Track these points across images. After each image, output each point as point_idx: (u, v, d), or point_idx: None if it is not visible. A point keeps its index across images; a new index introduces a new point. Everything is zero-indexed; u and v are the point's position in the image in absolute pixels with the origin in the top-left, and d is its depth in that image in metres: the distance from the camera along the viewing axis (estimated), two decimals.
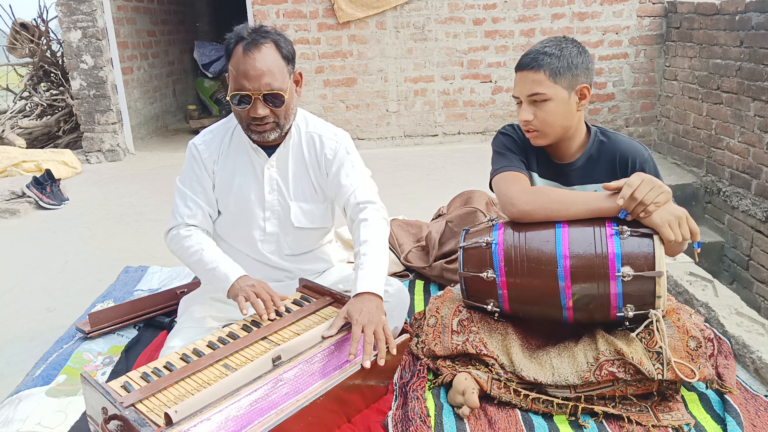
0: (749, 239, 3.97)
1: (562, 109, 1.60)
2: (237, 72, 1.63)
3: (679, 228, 1.47)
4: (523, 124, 1.65)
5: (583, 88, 1.61)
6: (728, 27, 4.24)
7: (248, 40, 1.63)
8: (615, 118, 5.57)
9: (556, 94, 1.59)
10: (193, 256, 1.75)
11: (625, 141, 1.70)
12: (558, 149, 1.72)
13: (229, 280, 1.68)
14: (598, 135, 1.71)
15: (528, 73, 1.60)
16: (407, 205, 3.85)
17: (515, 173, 1.67)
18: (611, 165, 1.68)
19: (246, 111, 1.66)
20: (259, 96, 1.63)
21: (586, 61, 1.61)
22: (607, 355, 1.53)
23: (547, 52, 1.58)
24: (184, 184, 1.83)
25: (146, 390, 1.32)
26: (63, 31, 5.24)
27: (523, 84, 1.62)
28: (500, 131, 1.79)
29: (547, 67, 1.58)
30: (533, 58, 1.60)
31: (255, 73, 1.62)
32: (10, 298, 2.83)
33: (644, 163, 1.66)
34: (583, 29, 5.36)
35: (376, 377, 1.59)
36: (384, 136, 5.63)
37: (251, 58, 1.62)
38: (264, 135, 1.71)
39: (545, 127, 1.62)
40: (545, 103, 1.60)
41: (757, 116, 3.92)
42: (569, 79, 1.59)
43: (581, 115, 1.67)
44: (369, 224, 1.73)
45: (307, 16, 5.29)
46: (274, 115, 1.68)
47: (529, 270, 1.57)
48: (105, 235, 3.65)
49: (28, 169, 4.78)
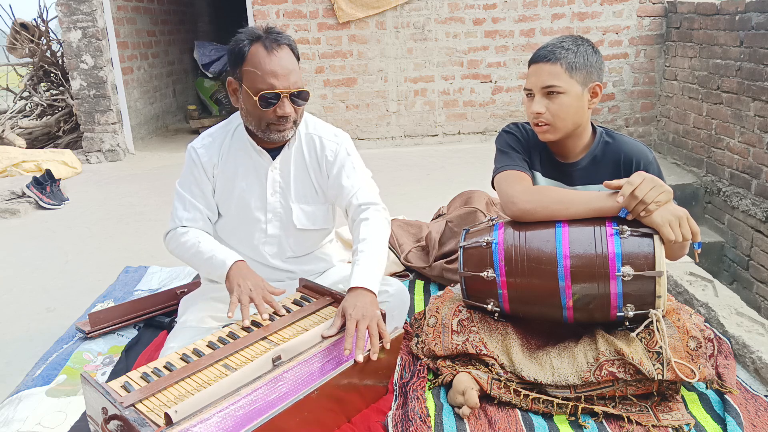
0: (749, 239, 3.97)
1: (574, 104, 1.61)
2: (263, 71, 1.62)
3: (679, 228, 1.47)
4: (533, 116, 1.65)
5: (596, 86, 1.63)
6: (728, 27, 4.24)
7: (269, 39, 1.63)
8: (615, 118, 5.57)
9: (571, 89, 1.60)
10: (190, 250, 1.75)
11: (630, 142, 1.70)
12: (563, 147, 1.72)
13: (225, 265, 1.67)
14: (603, 136, 1.72)
15: (545, 65, 1.61)
16: (407, 205, 3.86)
17: (517, 172, 1.67)
18: (615, 166, 1.69)
19: (272, 110, 1.65)
20: (287, 94, 1.64)
21: (600, 60, 1.64)
22: (607, 355, 1.53)
23: (565, 47, 1.60)
24: (183, 187, 1.83)
25: (146, 390, 1.32)
26: (63, 31, 5.25)
27: (539, 76, 1.62)
28: (504, 130, 1.79)
29: (564, 60, 1.59)
30: (551, 51, 1.61)
31: (284, 72, 1.62)
32: (10, 298, 2.83)
33: (648, 165, 1.67)
34: (583, 29, 5.35)
35: (373, 375, 1.59)
36: (384, 136, 5.63)
37: (277, 57, 1.62)
38: (284, 134, 1.71)
39: (557, 120, 1.62)
40: (559, 96, 1.60)
41: (757, 116, 3.92)
42: (584, 75, 1.60)
43: (590, 113, 1.68)
44: (369, 223, 1.73)
45: (307, 16, 5.29)
46: (296, 114, 1.69)
47: (529, 269, 1.57)
48: (105, 235, 3.65)
49: (28, 169, 4.78)
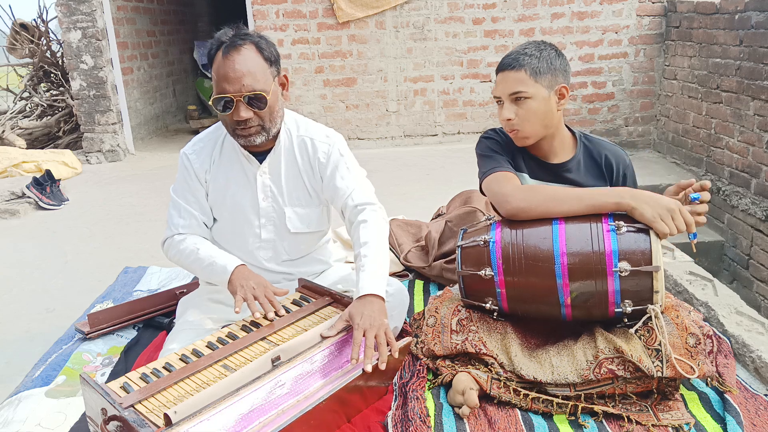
0: (749, 238, 3.97)
1: (542, 108, 1.65)
2: (218, 76, 1.62)
3: (672, 221, 1.49)
4: (505, 123, 1.69)
5: (562, 88, 1.67)
6: (728, 26, 4.24)
7: (227, 44, 1.62)
8: (614, 118, 5.57)
9: (537, 93, 1.63)
10: (189, 256, 1.75)
11: (608, 145, 1.77)
12: (543, 149, 1.75)
13: (227, 271, 1.68)
14: (582, 138, 1.77)
15: (510, 72, 1.65)
16: (407, 204, 3.86)
17: (506, 173, 1.70)
18: (598, 167, 1.75)
19: (230, 115, 1.64)
20: (241, 98, 1.61)
21: (564, 63, 1.68)
22: (606, 353, 1.53)
23: (527, 53, 1.65)
24: (177, 194, 1.83)
25: (145, 391, 1.32)
26: (63, 31, 5.25)
27: (505, 83, 1.66)
28: (483, 136, 1.83)
29: (528, 66, 1.63)
30: (514, 58, 1.65)
31: (235, 75, 1.60)
32: (9, 299, 2.83)
33: (626, 168, 1.75)
34: (582, 28, 5.36)
35: (377, 379, 1.59)
36: (384, 136, 5.63)
37: (230, 61, 1.60)
38: (250, 139, 1.69)
39: (526, 125, 1.66)
40: (526, 101, 1.64)
41: (757, 115, 3.92)
42: (549, 79, 1.64)
43: (560, 115, 1.72)
44: (368, 225, 1.73)
45: (306, 15, 5.29)
46: (259, 118, 1.66)
47: (526, 268, 1.58)
48: (104, 235, 3.65)
49: (28, 169, 4.78)
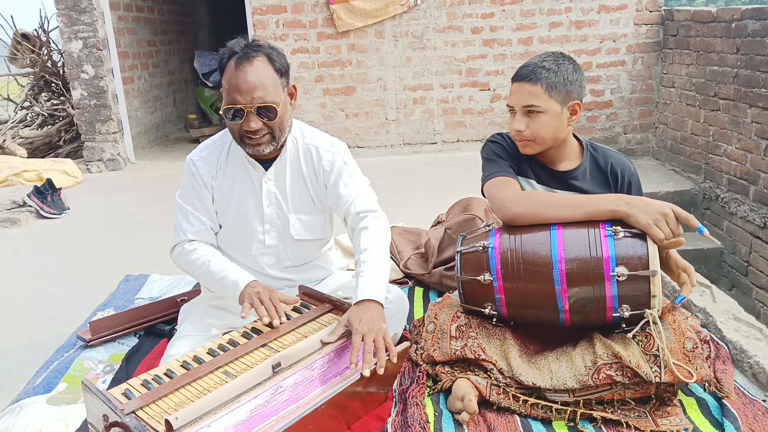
0: (748, 245, 3.98)
1: (554, 123, 1.66)
2: (229, 86, 1.64)
3: (667, 225, 1.49)
4: (515, 133, 1.70)
5: (575, 105, 1.67)
6: (725, 34, 4.27)
7: (240, 55, 1.64)
8: (613, 125, 5.59)
9: (550, 108, 1.64)
10: (200, 268, 1.77)
11: (614, 154, 1.78)
12: (548, 156, 1.76)
13: (238, 287, 1.69)
14: (588, 147, 1.79)
15: (525, 84, 1.65)
16: (406, 212, 3.87)
17: (506, 178, 1.71)
18: (604, 175, 1.75)
19: (239, 125, 1.66)
20: (252, 109, 1.64)
21: (580, 78, 1.67)
22: (604, 358, 1.54)
23: (545, 67, 1.64)
24: (184, 200, 1.84)
25: (147, 397, 1.33)
26: (64, 41, 5.28)
27: (520, 95, 1.67)
28: (489, 140, 1.84)
29: (544, 80, 1.63)
30: (531, 70, 1.65)
31: (247, 87, 1.62)
32: (11, 307, 2.84)
33: (631, 177, 1.75)
34: (580, 37, 5.39)
35: (376, 384, 1.60)
36: (383, 144, 5.65)
37: (243, 72, 1.62)
38: (258, 148, 1.71)
39: (536, 137, 1.68)
40: (539, 115, 1.65)
41: (754, 123, 3.94)
42: (564, 95, 1.64)
43: (570, 129, 1.73)
44: (369, 232, 1.74)
45: (306, 25, 5.32)
46: (268, 128, 1.69)
47: (525, 273, 1.59)
48: (105, 243, 3.66)
49: (29, 178, 4.80)
